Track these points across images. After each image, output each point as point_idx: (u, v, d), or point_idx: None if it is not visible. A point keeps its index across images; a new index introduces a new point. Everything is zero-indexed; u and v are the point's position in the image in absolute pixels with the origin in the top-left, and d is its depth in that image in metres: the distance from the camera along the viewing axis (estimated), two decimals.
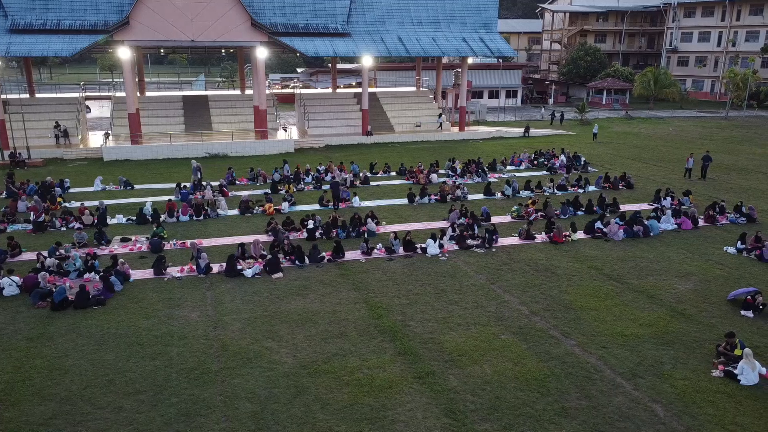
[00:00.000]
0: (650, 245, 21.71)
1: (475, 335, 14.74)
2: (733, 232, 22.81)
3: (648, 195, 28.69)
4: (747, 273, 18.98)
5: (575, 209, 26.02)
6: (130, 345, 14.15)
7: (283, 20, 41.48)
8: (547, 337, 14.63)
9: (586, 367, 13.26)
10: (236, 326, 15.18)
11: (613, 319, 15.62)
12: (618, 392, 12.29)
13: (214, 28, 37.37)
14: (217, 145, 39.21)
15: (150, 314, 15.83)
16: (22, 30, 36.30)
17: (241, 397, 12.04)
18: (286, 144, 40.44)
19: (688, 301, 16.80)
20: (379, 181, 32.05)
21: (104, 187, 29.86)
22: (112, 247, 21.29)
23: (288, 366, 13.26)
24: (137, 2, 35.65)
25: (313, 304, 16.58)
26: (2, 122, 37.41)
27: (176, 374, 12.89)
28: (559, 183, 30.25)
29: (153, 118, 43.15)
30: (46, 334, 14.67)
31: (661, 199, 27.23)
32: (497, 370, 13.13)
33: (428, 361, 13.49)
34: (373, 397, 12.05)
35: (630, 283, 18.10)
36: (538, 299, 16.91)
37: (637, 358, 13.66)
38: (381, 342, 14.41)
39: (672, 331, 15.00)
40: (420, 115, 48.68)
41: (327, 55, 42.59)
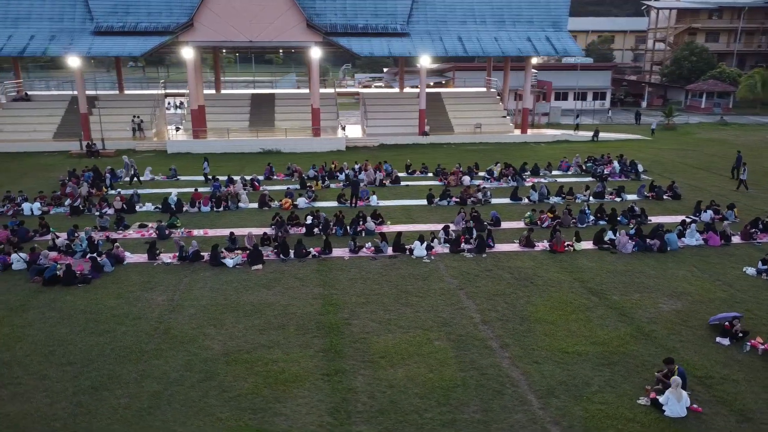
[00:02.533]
0: (659, 260, 20.08)
1: (409, 338, 14.51)
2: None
3: (692, 207, 26.44)
4: (752, 297, 17.08)
5: (600, 217, 24.48)
6: (88, 321, 15.36)
7: (343, 21, 42.40)
8: (482, 347, 14.11)
9: (504, 381, 12.67)
10: (189, 312, 15.99)
11: (565, 335, 14.74)
12: (521, 409, 11.67)
13: (271, 29, 38.96)
14: (270, 141, 40.88)
15: (121, 295, 17.04)
16: (104, 32, 39.86)
17: (152, 377, 12.75)
18: (337, 142, 41.32)
19: (664, 323, 15.45)
20: (412, 181, 31.96)
21: (153, 177, 32.19)
22: (127, 231, 23.00)
23: (212, 352, 13.82)
24: (201, 5, 37.99)
25: (273, 296, 17.06)
26: (85, 115, 41.25)
27: (110, 351, 13.86)
28: (595, 190, 28.59)
29: (221, 114, 45.74)
30: (25, 306, 16.27)
31: (700, 211, 25.01)
32: (410, 374, 12.89)
33: (346, 360, 13.50)
34: (272, 389, 12.30)
35: (609, 299, 16.92)
36: (498, 308, 16.27)
37: (566, 376, 12.84)
38: (313, 338, 14.59)
39: (623, 352, 13.91)
40: (483, 116, 47.73)
41: (382, 55, 42.98)
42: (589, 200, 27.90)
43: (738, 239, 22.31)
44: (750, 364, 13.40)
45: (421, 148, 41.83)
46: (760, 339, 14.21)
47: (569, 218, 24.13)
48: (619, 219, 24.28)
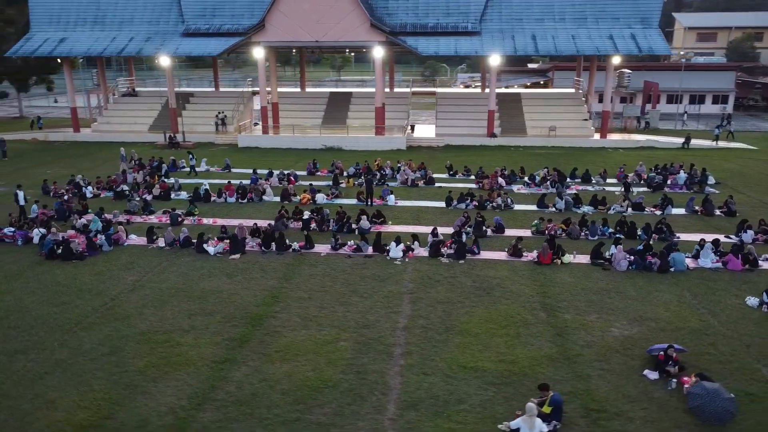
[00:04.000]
0: (652, 281, 18.16)
1: (318, 337, 14.58)
2: None
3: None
4: (729, 331, 14.95)
5: (620, 230, 22.53)
6: (55, 293, 17.15)
7: (414, 20, 42.46)
8: (382, 353, 13.82)
9: (376, 388, 12.38)
10: (144, 292, 17.25)
11: (478, 349, 13.97)
12: (371, 418, 11.39)
13: (337, 29, 40.02)
14: (333, 138, 42.01)
15: (100, 272, 18.77)
16: (192, 34, 43.31)
17: (68, 347, 14.04)
18: (398, 141, 41.50)
19: (599, 348, 14.08)
20: (446, 182, 31.37)
21: (208, 168, 34.60)
22: (149, 216, 25.04)
23: (133, 331, 14.87)
24: (271, 7, 39.98)
25: (227, 285, 17.85)
26: (174, 111, 45.15)
27: (53, 320, 15.43)
28: (635, 201, 26.24)
29: (296, 111, 47.72)
30: (17, 275, 18.51)
31: (743, 231, 22.14)
32: (291, 371, 13.02)
33: (244, 351, 13.91)
34: (158, 370, 13.05)
35: (558, 317, 15.70)
36: (432, 316, 15.75)
37: (443, 391, 12.25)
38: (231, 326, 15.16)
39: (527, 373, 12.94)
40: (562, 118, 45.35)
41: (447, 54, 42.42)
42: (627, 212, 25.69)
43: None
44: (662, 403, 11.89)
45: (485, 150, 40.77)
46: (693, 378, 12.48)
47: (578, 230, 22.48)
48: (639, 234, 22.19)
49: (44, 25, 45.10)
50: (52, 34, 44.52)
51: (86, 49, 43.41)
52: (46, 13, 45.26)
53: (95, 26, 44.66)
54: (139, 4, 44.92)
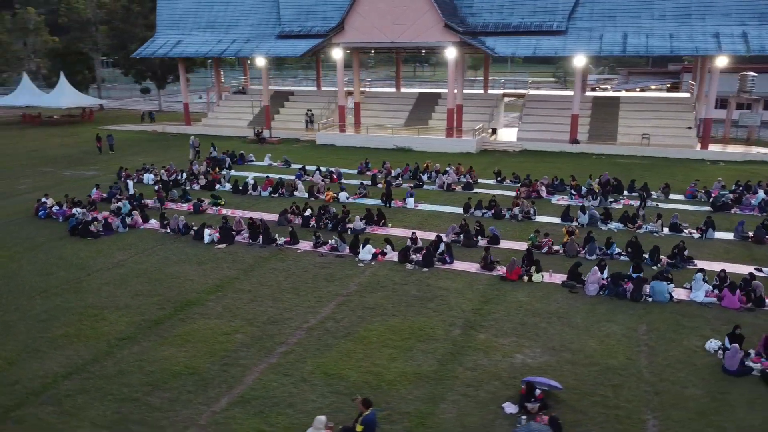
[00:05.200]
0: (614, 310, 16.28)
1: (220, 327, 15.25)
2: None
3: None
4: (650, 374, 13.05)
5: (630, 253, 20.28)
6: (50, 265, 19.67)
7: (497, 19, 41.26)
8: (264, 350, 14.15)
9: (227, 381, 12.80)
10: (117, 271, 19.14)
11: (357, 358, 13.72)
12: (193, 407, 11.84)
13: (411, 30, 40.08)
14: (404, 138, 42.20)
15: (99, 250, 21.10)
16: (285, 36, 46.01)
17: (20, 311, 16.21)
18: (468, 144, 40.56)
19: (482, 372, 13.10)
20: (485, 188, 30.22)
21: (270, 163, 36.70)
22: (183, 204, 27.35)
23: (79, 304, 16.66)
24: (350, 9, 41.13)
25: (191, 271, 19.15)
26: (267, 108, 48.30)
27: (29, 287, 17.81)
28: (672, 221, 23.34)
29: (380, 111, 48.62)
30: (36, 247, 21.46)
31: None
32: (169, 355, 13.85)
33: (148, 332, 15.03)
34: (67, 339, 14.64)
35: (470, 335, 14.81)
36: (344, 320, 15.66)
37: (286, 394, 12.30)
38: (159, 308, 16.37)
39: (383, 388, 12.50)
40: (662, 125, 41.19)
41: (525, 55, 40.58)
42: (661, 232, 23.02)
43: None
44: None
45: (563, 158, 38.42)
46: (545, 418, 11.22)
47: (575, 247, 20.65)
48: (645, 258, 19.85)
49: (167, 29, 50.62)
50: (172, 37, 49.83)
51: (195, 50, 48.00)
52: (170, 18, 50.77)
53: (207, 30, 49.17)
54: (244, 9, 48.64)
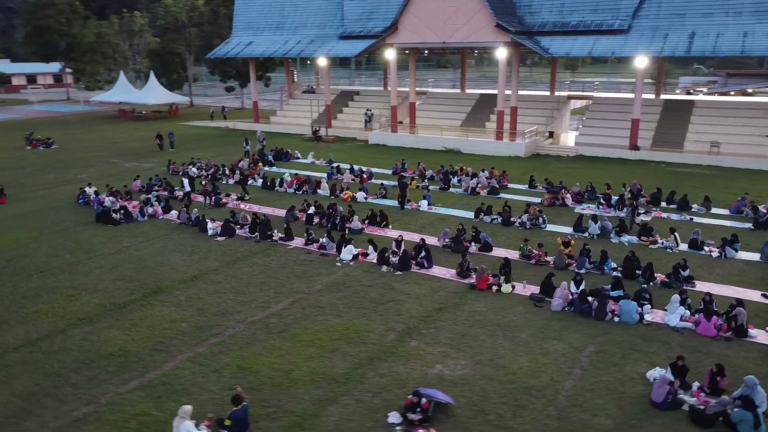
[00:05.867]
0: (570, 328, 15.33)
1: (170, 315, 16.04)
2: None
3: None
4: (569, 399, 12.20)
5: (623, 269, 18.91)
6: (63, 248, 21.56)
7: (556, 18, 39.62)
8: (196, 339, 14.76)
9: (134, 366, 13.48)
10: (116, 257, 20.61)
11: (279, 354, 13.98)
12: (86, 387, 12.67)
13: (463, 30, 39.43)
14: (452, 140, 41.63)
15: (112, 237, 22.80)
16: (346, 36, 46.87)
17: (10, 286, 17.96)
18: (516, 148, 39.27)
19: (390, 380, 12.88)
20: (514, 194, 29.22)
21: (313, 161, 37.65)
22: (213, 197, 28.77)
23: (64, 284, 18.20)
24: (404, 10, 41.16)
25: (178, 261, 20.21)
26: (328, 107, 49.48)
27: (32, 267, 19.69)
28: (692, 237, 21.42)
29: (439, 112, 48.23)
30: (62, 231, 23.56)
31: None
32: (102, 338, 14.80)
33: (106, 316, 16.14)
34: (36, 314, 16.13)
35: (402, 342, 14.56)
36: (289, 317, 15.94)
37: (182, 381, 12.81)
38: (129, 294, 17.52)
39: (283, 384, 12.68)
40: (741, 132, 37.65)
41: (580, 55, 38.68)
42: (675, 248, 21.26)
43: (764, 337, 14.74)
44: None
45: (618, 164, 36.23)
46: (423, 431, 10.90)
47: (564, 258, 19.55)
48: (637, 277, 18.44)
49: (241, 31, 53.22)
50: (245, 38, 52.33)
51: (262, 50, 50.08)
52: (244, 20, 53.33)
53: (276, 31, 51.15)
54: (311, 11, 50.07)
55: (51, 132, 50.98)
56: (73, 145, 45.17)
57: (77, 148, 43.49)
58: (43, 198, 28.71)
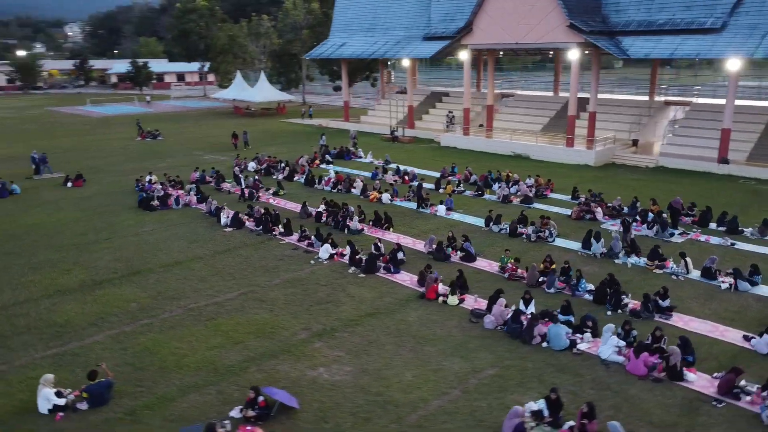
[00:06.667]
0: (490, 347, 14.48)
1: (129, 296, 17.57)
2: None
3: None
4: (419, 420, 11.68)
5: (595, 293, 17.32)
6: (95, 228, 24.20)
7: (644, 17, 36.51)
8: (127, 318, 16.07)
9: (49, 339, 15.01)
10: (129, 239, 22.82)
11: (188, 341, 14.83)
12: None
13: (535, 30, 37.65)
14: (522, 145, 39.93)
15: (140, 221, 25.17)
16: (430, 38, 46.74)
17: (31, 258, 20.64)
18: (586, 155, 36.75)
19: (260, 378, 13.15)
20: (551, 204, 27.58)
21: (371, 161, 38.25)
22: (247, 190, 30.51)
23: (67, 259, 20.55)
24: (479, 10, 40.23)
25: (175, 247, 21.85)
26: (411, 108, 49.77)
27: (56, 241, 22.40)
28: (705, 265, 18.90)
29: (521, 115, 46.44)
30: (105, 213, 26.43)
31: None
32: (67, 311, 16.62)
33: (75, 292, 17.99)
34: (20, 282, 18.45)
35: (311, 342, 14.71)
36: (226, 307, 16.77)
37: (75, 359, 14.07)
38: (112, 273, 19.40)
39: (169, 368, 13.47)
40: None
41: (661, 56, 34.96)
42: (685, 274, 19.00)
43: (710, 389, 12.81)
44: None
45: (700, 179, 32.65)
46: (251, 429, 11.11)
47: (536, 275, 18.28)
48: (608, 298, 16.81)
49: (338, 32, 55.18)
50: (339, 39, 54.20)
51: (351, 52, 51.54)
52: (341, 22, 55.23)
53: (368, 32, 52.37)
54: (401, 13, 50.59)
55: (170, 125, 56.74)
56: (176, 137, 49.88)
57: (176, 141, 47.99)
58: (113, 183, 32.29)
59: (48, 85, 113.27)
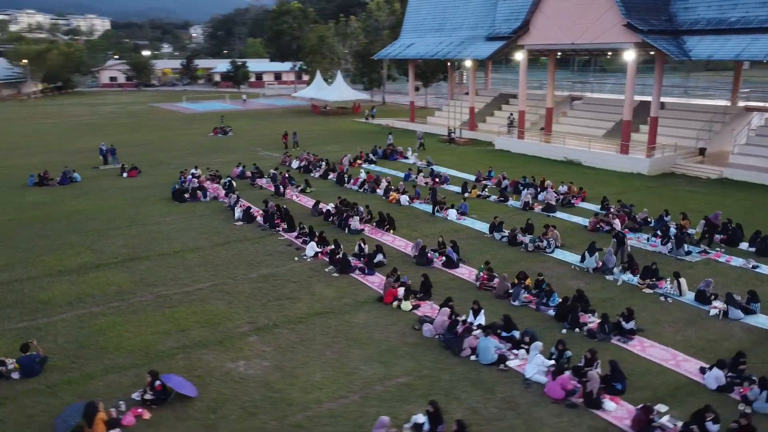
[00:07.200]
0: (413, 357, 14.21)
1: (114, 279, 18.93)
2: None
3: None
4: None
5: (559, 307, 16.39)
6: (124, 217, 26.16)
7: (715, 14, 33.64)
8: (106, 303, 17.33)
9: (46, 316, 16.52)
10: (149, 228, 24.42)
11: (132, 325, 15.79)
12: None
13: (591, 30, 35.72)
14: (573, 150, 38.07)
15: (166, 211, 26.88)
16: (492, 38, 45.69)
17: (55, 240, 22.80)
18: (638, 163, 34.39)
19: (185, 366, 13.78)
20: (577, 214, 26.21)
21: (415, 162, 38.15)
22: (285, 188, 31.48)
23: (85, 242, 22.47)
24: (536, 10, 38.81)
25: (183, 237, 23.17)
26: (472, 109, 48.99)
27: (87, 228, 24.50)
28: (700, 288, 17.26)
29: (585, 119, 44.25)
30: (142, 203, 28.48)
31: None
32: (53, 288, 18.22)
33: (70, 272, 19.67)
34: (33, 262, 20.42)
35: (245, 336, 15.20)
36: (192, 297, 17.63)
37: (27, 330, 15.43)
38: (111, 258, 20.95)
39: (108, 349, 14.49)
40: None
41: (724, 58, 31.95)
42: (676, 297, 17.51)
43: (626, 421, 11.85)
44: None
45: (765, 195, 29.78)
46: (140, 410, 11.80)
47: (505, 286, 17.57)
48: (568, 317, 15.89)
49: (408, 33, 55.34)
50: (408, 40, 54.35)
51: (416, 52, 51.48)
52: (412, 22, 55.34)
53: (435, 33, 52.08)
54: (468, 13, 49.86)
55: (248, 122, 59.85)
56: (245, 134, 52.40)
57: (243, 137, 50.40)
58: (165, 175, 34.59)
59: (161, 83, 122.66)
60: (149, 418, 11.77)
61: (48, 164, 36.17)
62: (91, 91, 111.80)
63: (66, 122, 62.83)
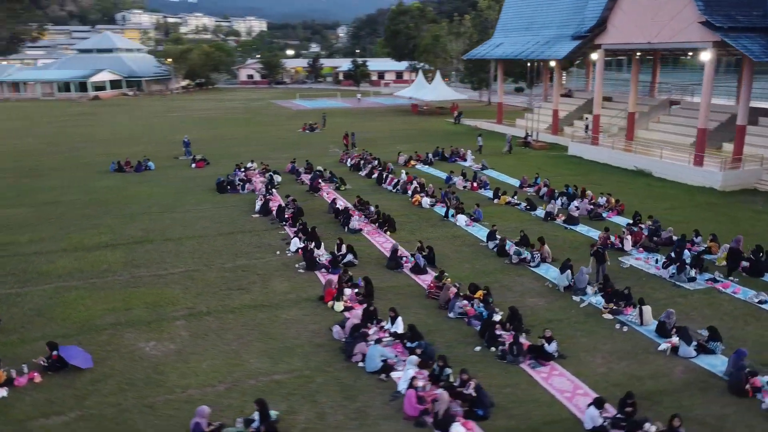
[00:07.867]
0: (310, 355, 14.36)
1: (104, 258, 20.88)
2: None
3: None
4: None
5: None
6: (162, 204, 28.63)
7: None
8: (85, 279, 19.33)
9: (23, 286, 18.84)
10: (173, 215, 26.60)
11: (103, 298, 17.50)
12: None
13: (668, 29, 32.41)
14: (644, 160, 34.85)
15: (201, 200, 28.95)
16: (578, 37, 43.16)
17: (87, 221, 25.70)
18: (709, 176, 30.69)
19: (105, 345, 15.13)
20: (595, 226, 24.36)
21: (472, 165, 37.24)
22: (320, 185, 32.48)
23: (108, 223, 25.04)
24: (614, 7, 36.04)
25: (198, 225, 24.87)
26: (555, 111, 46.63)
27: (122, 213, 27.25)
28: (660, 319, 15.35)
29: (676, 125, 40.29)
30: (186, 194, 30.93)
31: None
32: (52, 261, 20.61)
33: (74, 249, 22.08)
34: (54, 238, 23.18)
35: (182, 322, 16.27)
36: (160, 281, 19.06)
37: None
38: (114, 238, 23.13)
39: (90, 330, 16.28)
40: None
41: None
42: (634, 326, 15.88)
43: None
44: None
45: None
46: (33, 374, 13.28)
47: (448, 296, 16.92)
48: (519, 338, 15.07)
49: (501, 32, 53.86)
50: (499, 39, 52.94)
51: (502, 52, 49.96)
52: (505, 22, 53.80)
53: (523, 32, 50.20)
54: (557, 11, 47.45)
55: (345, 120, 61.33)
56: (332, 131, 54.09)
57: (328, 134, 52.10)
58: (226, 168, 37.03)
59: (292, 80, 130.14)
60: (39, 382, 13.14)
61: (144, 153, 39.78)
62: (228, 87, 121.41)
63: (186, 116, 69.12)
